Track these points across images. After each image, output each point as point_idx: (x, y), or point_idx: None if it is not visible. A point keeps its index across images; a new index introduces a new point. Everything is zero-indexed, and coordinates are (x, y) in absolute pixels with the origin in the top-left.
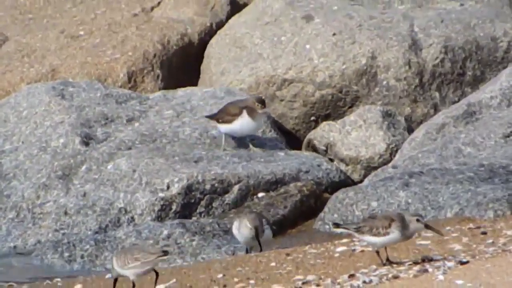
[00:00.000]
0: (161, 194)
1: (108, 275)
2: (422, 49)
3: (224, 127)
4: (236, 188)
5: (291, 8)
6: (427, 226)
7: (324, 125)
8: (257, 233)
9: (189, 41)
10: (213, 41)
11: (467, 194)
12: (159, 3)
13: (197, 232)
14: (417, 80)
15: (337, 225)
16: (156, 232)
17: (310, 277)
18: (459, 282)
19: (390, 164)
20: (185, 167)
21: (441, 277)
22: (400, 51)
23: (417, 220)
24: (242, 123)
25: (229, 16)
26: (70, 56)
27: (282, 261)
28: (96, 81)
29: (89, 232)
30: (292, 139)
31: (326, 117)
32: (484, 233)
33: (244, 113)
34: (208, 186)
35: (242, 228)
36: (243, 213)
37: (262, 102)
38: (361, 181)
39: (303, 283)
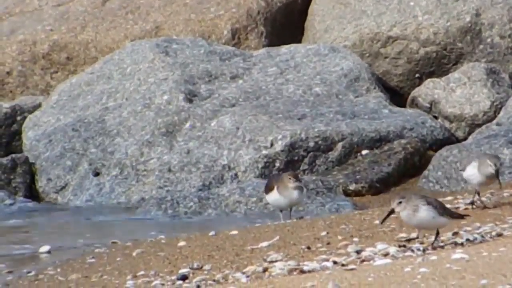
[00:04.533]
0: (264, 152)
1: (212, 232)
2: None
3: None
4: (339, 145)
5: None
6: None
7: (428, 82)
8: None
9: None
10: None
11: None
12: None
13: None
14: None
15: None
16: (260, 189)
17: (413, 235)
18: None
19: (494, 122)
20: (289, 124)
21: None
22: (504, 8)
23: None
24: (274, 199)
25: None
26: (174, 13)
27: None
28: (200, 38)
29: (193, 189)
30: (396, 97)
31: (430, 75)
32: None
33: (275, 190)
34: (311, 144)
35: (483, 168)
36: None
37: (295, 177)
38: (465, 139)
39: (407, 241)
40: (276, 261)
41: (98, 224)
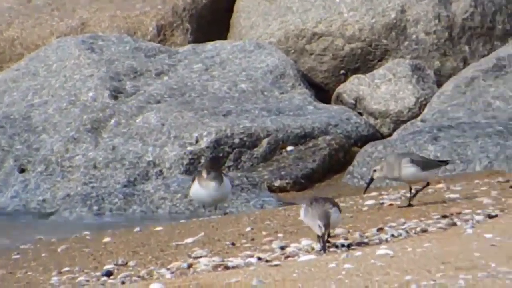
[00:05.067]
0: (189, 148)
1: (137, 228)
2: (452, 3)
3: None
4: (265, 141)
5: None
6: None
7: (353, 79)
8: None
9: None
10: None
11: (496, 148)
12: None
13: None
14: (446, 34)
15: None
16: (185, 186)
17: (338, 231)
18: (488, 235)
19: (419, 118)
20: (214, 120)
21: (469, 230)
22: (429, 4)
23: None
24: (193, 191)
25: None
26: (100, 9)
27: None
28: (125, 34)
29: (118, 186)
30: (321, 93)
31: (356, 71)
32: None
33: (195, 181)
34: (236, 140)
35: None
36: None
37: (211, 167)
38: (390, 135)
39: (331, 237)
40: (200, 257)
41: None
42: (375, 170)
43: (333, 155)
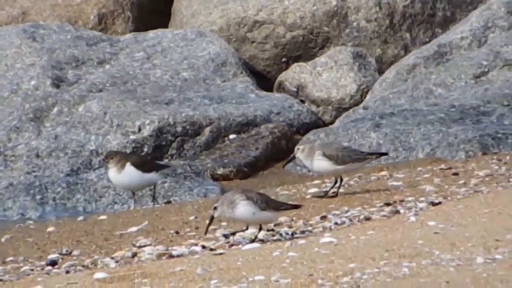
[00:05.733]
0: (132, 137)
1: (80, 217)
2: None
3: None
4: (207, 130)
5: None
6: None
7: (295, 67)
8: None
9: None
10: None
11: (438, 135)
12: None
13: (168, 174)
14: (387, 21)
15: None
16: None
17: (282, 219)
18: (431, 223)
19: (361, 105)
20: (156, 109)
21: (412, 218)
22: None
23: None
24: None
25: None
26: None
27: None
28: (66, 23)
29: (61, 175)
30: (263, 81)
31: (297, 59)
32: (455, 174)
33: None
34: (179, 128)
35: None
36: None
37: (106, 156)
38: (332, 122)
39: (275, 225)
40: (145, 246)
41: None
42: (298, 148)
43: (275, 143)
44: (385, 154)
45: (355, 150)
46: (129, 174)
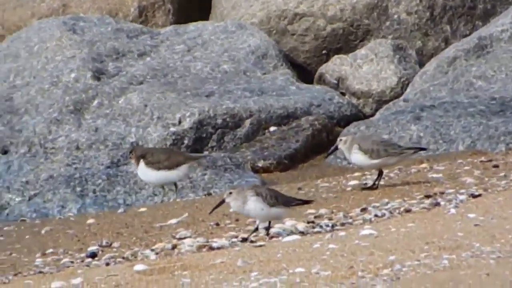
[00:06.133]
0: (172, 129)
1: (120, 210)
2: None
3: None
4: (247, 122)
5: None
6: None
7: (336, 59)
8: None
9: None
10: None
11: (478, 128)
12: None
13: (209, 166)
14: (428, 14)
15: None
16: None
17: (322, 211)
18: (471, 215)
19: (401, 98)
20: (197, 101)
21: (453, 210)
22: None
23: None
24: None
25: None
26: None
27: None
28: (107, 15)
29: (101, 167)
30: (304, 73)
31: (337, 51)
32: (496, 166)
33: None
34: (219, 121)
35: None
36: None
37: (129, 151)
38: (372, 115)
39: (315, 217)
40: (185, 238)
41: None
42: (341, 140)
43: (316, 136)
44: (424, 149)
45: (393, 144)
46: (142, 171)
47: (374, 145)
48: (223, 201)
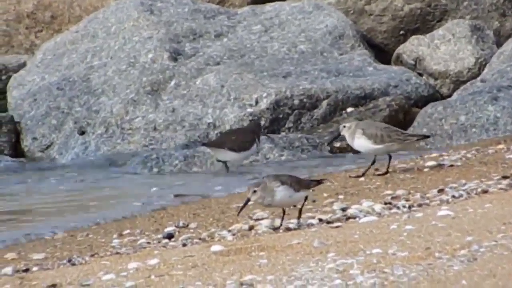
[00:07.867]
0: (249, 109)
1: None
2: None
3: None
4: (324, 103)
5: None
6: None
7: (413, 39)
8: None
9: None
10: None
11: None
12: None
13: (285, 147)
14: None
15: None
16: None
17: (399, 192)
18: None
19: (479, 78)
20: (273, 82)
21: None
22: None
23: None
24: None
25: None
26: None
27: (371, 177)
28: None
29: (178, 148)
30: (381, 54)
31: (415, 31)
32: None
33: None
34: (296, 101)
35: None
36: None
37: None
38: (450, 95)
39: (393, 198)
40: (262, 219)
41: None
42: (344, 126)
43: (393, 116)
44: (428, 136)
45: (396, 130)
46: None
47: (378, 131)
48: (248, 200)
